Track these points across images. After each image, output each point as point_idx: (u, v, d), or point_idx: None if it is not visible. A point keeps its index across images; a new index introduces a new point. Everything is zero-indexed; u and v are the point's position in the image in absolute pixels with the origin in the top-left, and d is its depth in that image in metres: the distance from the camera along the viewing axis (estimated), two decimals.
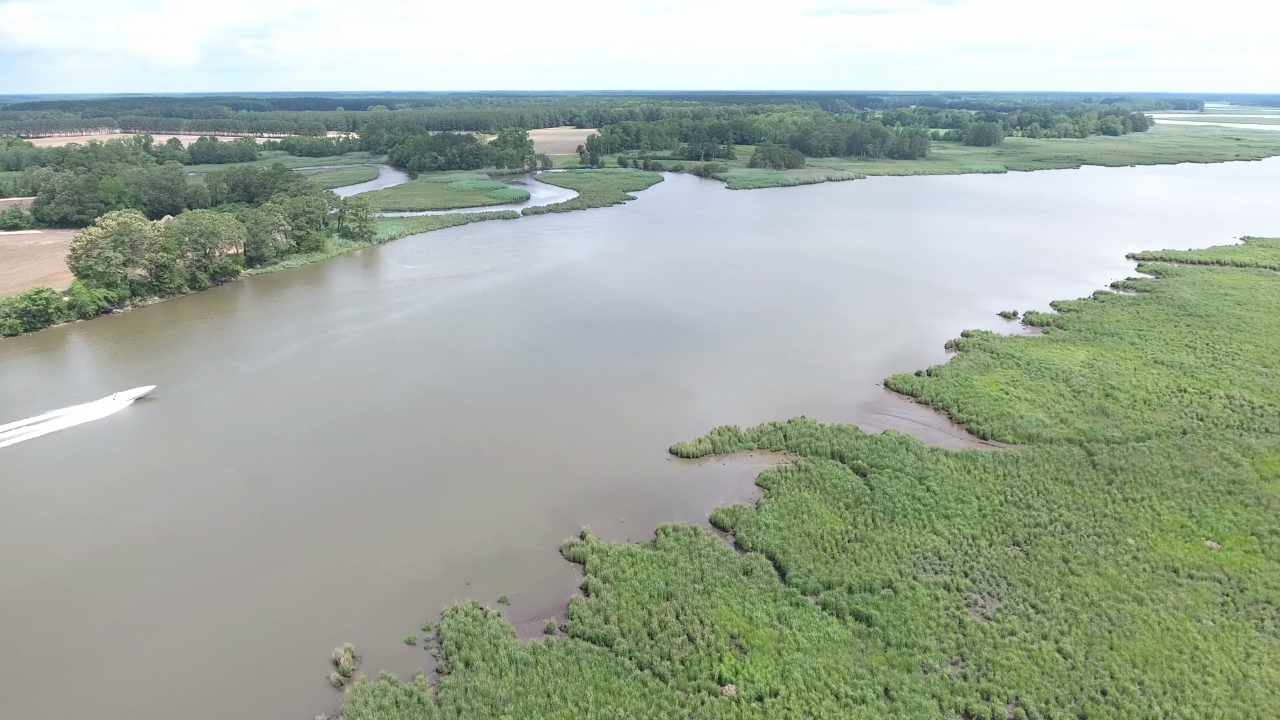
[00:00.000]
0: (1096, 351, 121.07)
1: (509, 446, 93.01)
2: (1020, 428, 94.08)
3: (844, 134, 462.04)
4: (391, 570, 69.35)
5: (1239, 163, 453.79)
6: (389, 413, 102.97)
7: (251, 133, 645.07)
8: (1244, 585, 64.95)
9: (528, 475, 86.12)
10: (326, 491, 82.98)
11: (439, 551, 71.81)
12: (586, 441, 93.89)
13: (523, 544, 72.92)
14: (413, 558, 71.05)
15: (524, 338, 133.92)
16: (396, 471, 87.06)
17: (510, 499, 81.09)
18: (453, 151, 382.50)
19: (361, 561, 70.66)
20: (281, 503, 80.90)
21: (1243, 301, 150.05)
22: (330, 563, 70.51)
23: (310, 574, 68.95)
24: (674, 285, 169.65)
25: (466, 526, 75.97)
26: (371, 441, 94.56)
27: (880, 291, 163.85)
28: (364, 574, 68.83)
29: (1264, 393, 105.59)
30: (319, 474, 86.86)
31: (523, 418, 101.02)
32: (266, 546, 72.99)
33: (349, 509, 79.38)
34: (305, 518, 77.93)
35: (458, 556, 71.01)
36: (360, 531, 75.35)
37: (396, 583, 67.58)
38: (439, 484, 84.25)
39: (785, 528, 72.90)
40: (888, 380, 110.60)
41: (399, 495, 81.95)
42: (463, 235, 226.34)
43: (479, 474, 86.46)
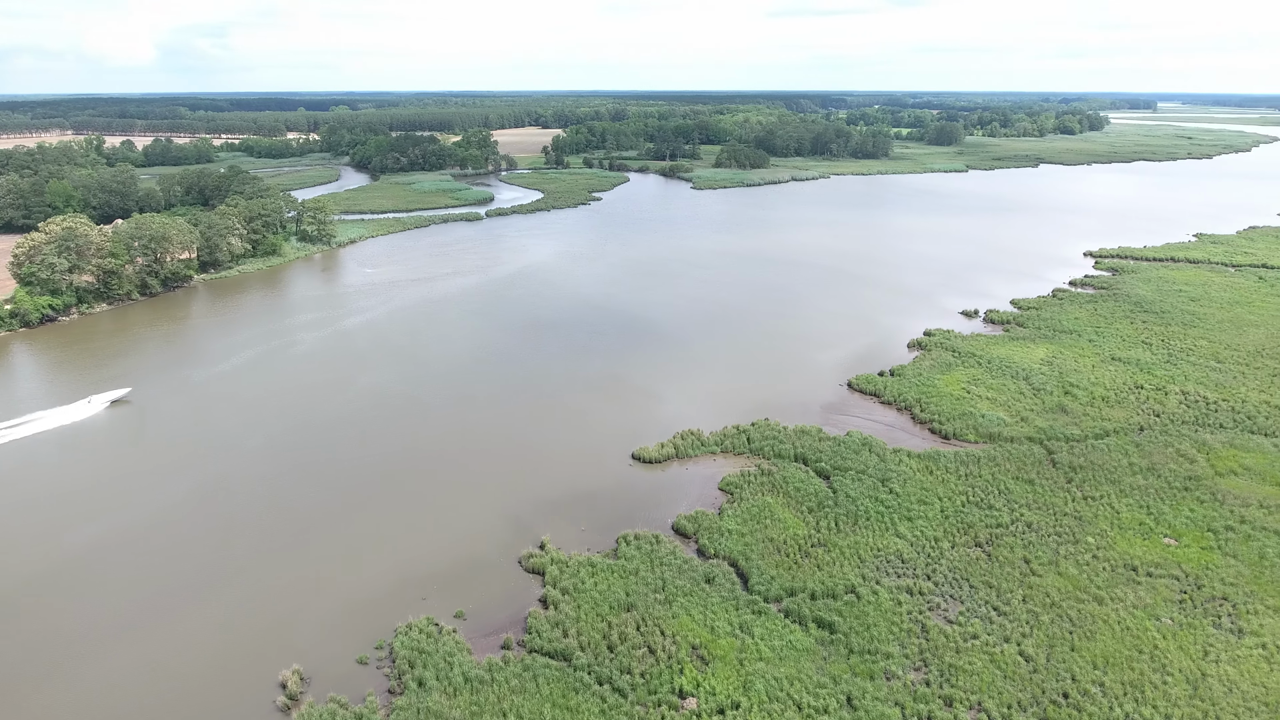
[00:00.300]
0: (1056, 349, 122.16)
1: (469, 454, 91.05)
2: (982, 427, 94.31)
3: (808, 134, 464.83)
4: (345, 585, 67.15)
5: (1191, 161, 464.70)
6: (346, 420, 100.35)
7: (209, 134, 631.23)
8: (1201, 582, 65.35)
9: (487, 483, 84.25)
10: (279, 503, 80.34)
11: (395, 564, 69.74)
12: (548, 447, 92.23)
13: (481, 555, 71.11)
14: (368, 571, 68.91)
15: (486, 341, 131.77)
16: (353, 481, 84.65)
17: (469, 508, 79.21)
18: (415, 152, 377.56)
19: (315, 576, 68.36)
20: (232, 516, 78.13)
21: (1196, 298, 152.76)
22: (282, 578, 68.10)
23: (260, 590, 66.48)
24: (638, 286, 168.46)
25: (424, 538, 73.96)
26: (327, 450, 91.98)
27: (844, 291, 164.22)
28: (317, 589, 66.55)
29: (1217, 388, 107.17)
30: (272, 485, 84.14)
31: (483, 424, 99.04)
32: (214, 562, 70.31)
33: (302, 521, 76.91)
34: (256, 531, 75.30)
35: (414, 569, 69.00)
36: (314, 544, 72.97)
37: (350, 598, 65.41)
38: (396, 494, 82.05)
39: (748, 533, 71.97)
40: (851, 380, 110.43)
41: (355, 506, 79.62)
42: (425, 237, 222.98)
43: (438, 483, 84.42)
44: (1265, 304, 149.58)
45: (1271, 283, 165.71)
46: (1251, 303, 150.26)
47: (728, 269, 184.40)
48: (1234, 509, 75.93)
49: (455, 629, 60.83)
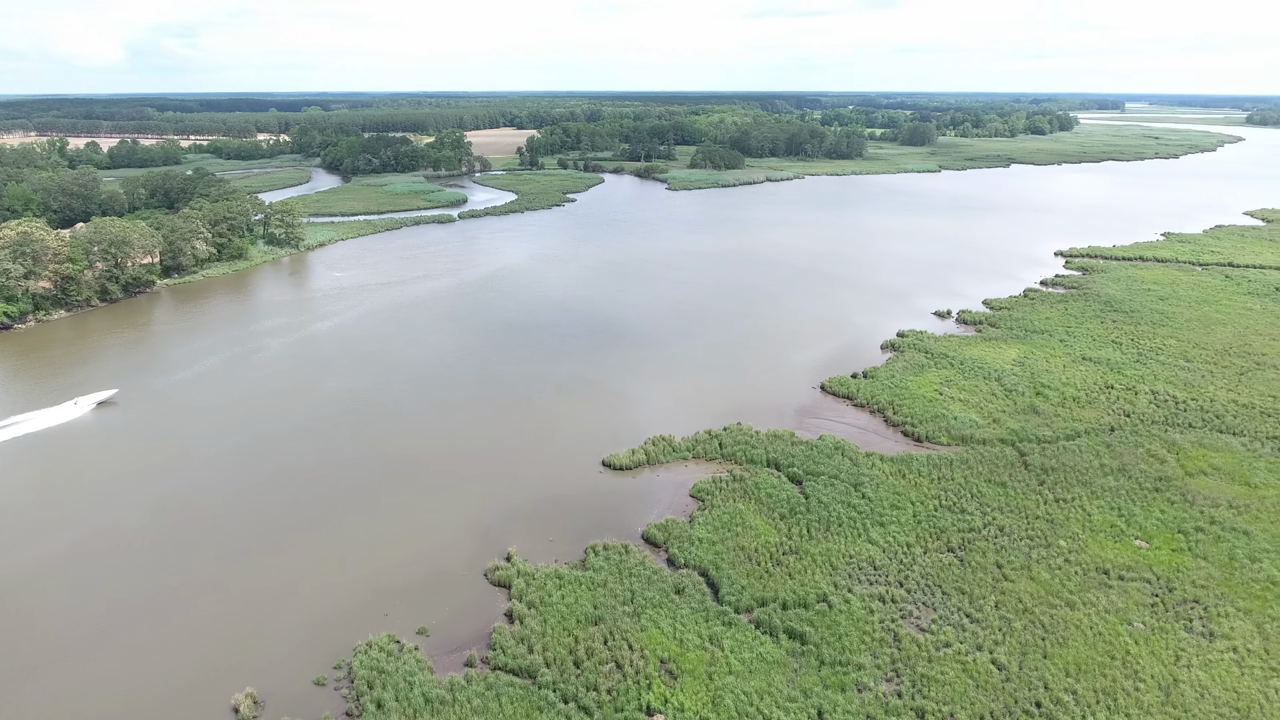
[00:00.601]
0: (1027, 349, 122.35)
1: (436, 461, 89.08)
2: (954, 429, 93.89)
3: (783, 134, 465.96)
4: (306, 600, 65.04)
5: (1158, 160, 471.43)
6: (310, 428, 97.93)
7: (177, 135, 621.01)
8: (1172, 585, 65.09)
9: (454, 492, 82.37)
10: (239, 515, 77.88)
11: (357, 578, 67.71)
12: (517, 455, 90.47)
13: (446, 567, 69.26)
14: (330, 586, 66.82)
15: (456, 346, 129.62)
16: (315, 492, 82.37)
17: (435, 518, 77.31)
18: (387, 154, 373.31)
19: (274, 591, 66.16)
20: (188, 529, 75.58)
21: (1165, 297, 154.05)
22: (240, 594, 65.82)
23: (216, 607, 64.19)
24: (612, 288, 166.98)
25: (388, 550, 71.95)
26: (290, 460, 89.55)
27: (818, 291, 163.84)
28: (276, 605, 64.38)
29: (1186, 387, 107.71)
30: (231, 497, 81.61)
31: (452, 430, 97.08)
32: (170, 578, 67.85)
33: (262, 534, 74.57)
34: (214, 545, 72.85)
35: (377, 583, 67.02)
36: (274, 558, 70.72)
37: (310, 614, 63.33)
38: (360, 504, 79.90)
39: (719, 542, 70.76)
40: (824, 383, 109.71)
41: (317, 517, 77.40)
42: (396, 240, 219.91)
43: (404, 492, 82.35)
44: (1231, 302, 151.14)
45: (1237, 281, 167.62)
46: (1218, 301, 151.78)
47: (702, 270, 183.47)
48: (1204, 510, 75.94)
49: (417, 646, 59.00)
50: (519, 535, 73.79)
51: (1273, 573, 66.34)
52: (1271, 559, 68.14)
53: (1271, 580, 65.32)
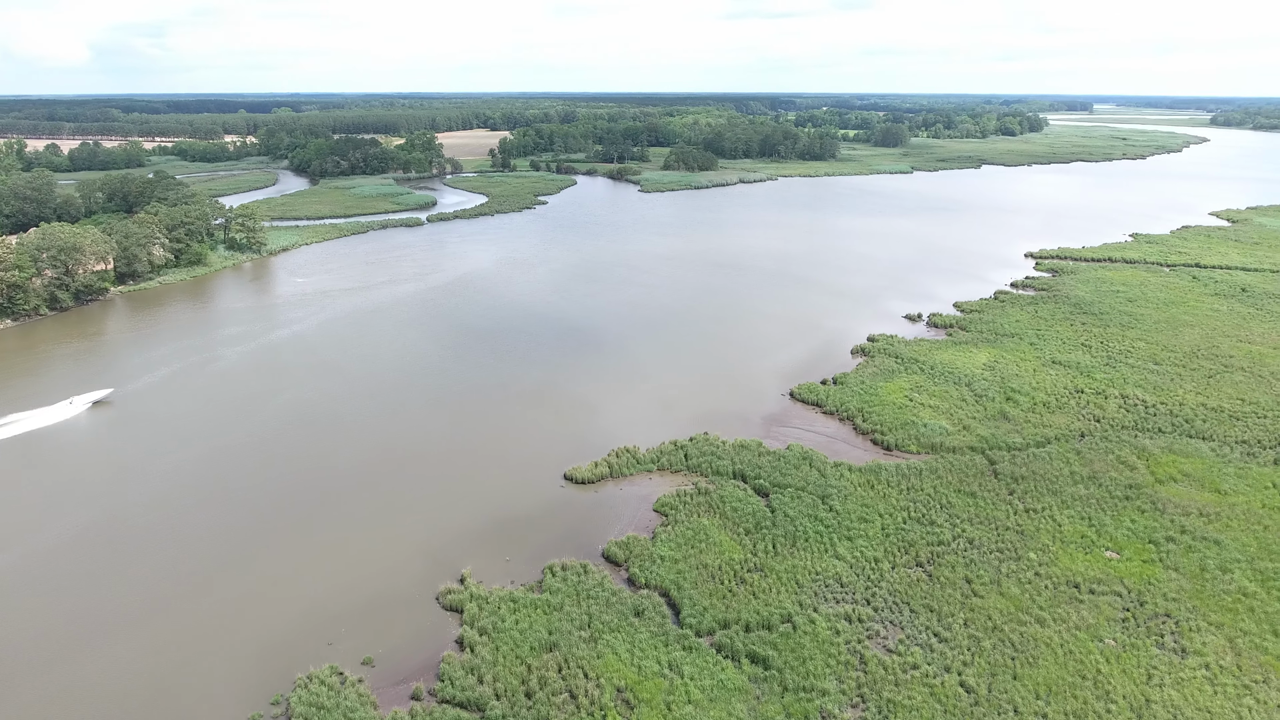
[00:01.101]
0: (997, 353, 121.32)
1: (390, 476, 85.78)
2: (924, 437, 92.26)
3: (756, 136, 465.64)
4: (244, 629, 61.65)
5: (1126, 161, 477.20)
6: (258, 442, 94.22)
7: (142, 137, 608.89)
8: (1144, 598, 63.63)
9: (408, 509, 79.20)
10: (175, 537, 74.14)
11: (301, 605, 64.42)
12: (475, 469, 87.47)
13: (396, 591, 66.18)
14: (270, 612, 63.48)
15: (418, 353, 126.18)
16: (258, 511, 78.81)
17: (387, 537, 74.12)
18: (356, 156, 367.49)
19: (210, 620, 62.67)
20: (122, 555, 71.82)
21: (1133, 299, 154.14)
22: (174, 624, 62.27)
23: (148, 641, 60.61)
24: (581, 293, 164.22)
25: (334, 572, 68.71)
26: (233, 477, 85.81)
27: (789, 294, 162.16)
28: (212, 635, 60.92)
29: (1156, 390, 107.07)
30: (169, 517, 77.78)
31: (409, 443, 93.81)
32: (101, 608, 64.14)
33: (202, 557, 70.97)
34: (149, 571, 69.17)
35: (322, 610, 63.78)
36: (211, 584, 67.19)
37: (248, 645, 59.97)
38: (306, 522, 76.52)
39: (681, 559, 68.32)
40: (793, 390, 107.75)
41: (259, 539, 73.92)
42: (362, 244, 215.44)
43: (353, 509, 79.04)
44: (1199, 304, 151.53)
45: (1205, 282, 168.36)
46: (1186, 302, 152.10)
47: (673, 273, 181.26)
48: (1174, 518, 74.75)
49: (361, 678, 55.91)
50: (474, 555, 70.87)
51: (1244, 583, 65.13)
52: (1242, 569, 66.97)
53: (1243, 592, 64.09)
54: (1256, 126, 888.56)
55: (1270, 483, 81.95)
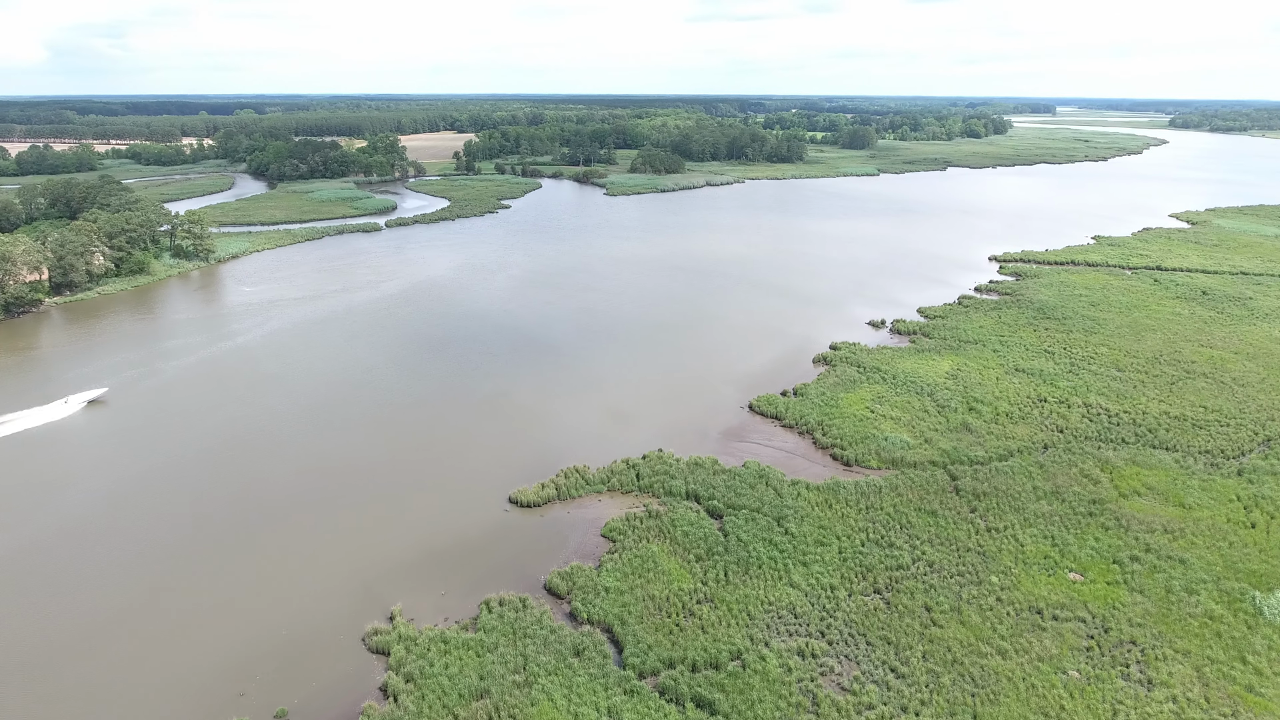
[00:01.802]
0: (960, 361, 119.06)
1: (320, 501, 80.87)
2: (885, 451, 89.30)
3: (724, 138, 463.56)
4: (148, 679, 56.64)
5: (1088, 163, 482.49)
6: (188, 464, 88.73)
7: (96, 139, 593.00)
8: (1108, 624, 60.93)
9: (341, 536, 74.45)
10: (84, 574, 68.76)
11: (213, 649, 59.51)
12: (414, 492, 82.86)
13: (318, 632, 61.48)
14: (179, 660, 58.48)
15: (365, 366, 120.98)
16: (177, 541, 73.57)
17: (314, 570, 69.35)
18: (316, 159, 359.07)
19: (110, 667, 57.59)
20: (30, 592, 66.30)
21: (1096, 303, 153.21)
22: (71, 676, 57.09)
23: (40, 694, 55.38)
24: (540, 300, 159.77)
25: (254, 611, 63.84)
26: (155, 503, 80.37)
27: (752, 301, 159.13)
28: (111, 686, 55.86)
29: (1119, 399, 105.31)
30: (87, 551, 72.33)
31: (346, 463, 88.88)
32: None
33: (108, 597, 65.70)
34: (47, 614, 63.76)
35: (234, 653, 58.94)
36: (117, 627, 62.00)
37: (149, 698, 54.99)
38: (229, 555, 71.47)
39: (627, 591, 64.42)
40: (752, 402, 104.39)
41: (174, 574, 68.75)
42: (316, 251, 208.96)
43: (282, 538, 74.13)
44: (1160, 307, 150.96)
45: (1166, 285, 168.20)
46: (1148, 306, 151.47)
47: (635, 279, 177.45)
48: (1138, 536, 72.37)
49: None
50: (407, 588, 66.40)
51: (1210, 606, 62.74)
52: (1208, 590, 64.61)
53: (1209, 616, 61.66)
54: (1213, 128, 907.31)
55: (1234, 495, 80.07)
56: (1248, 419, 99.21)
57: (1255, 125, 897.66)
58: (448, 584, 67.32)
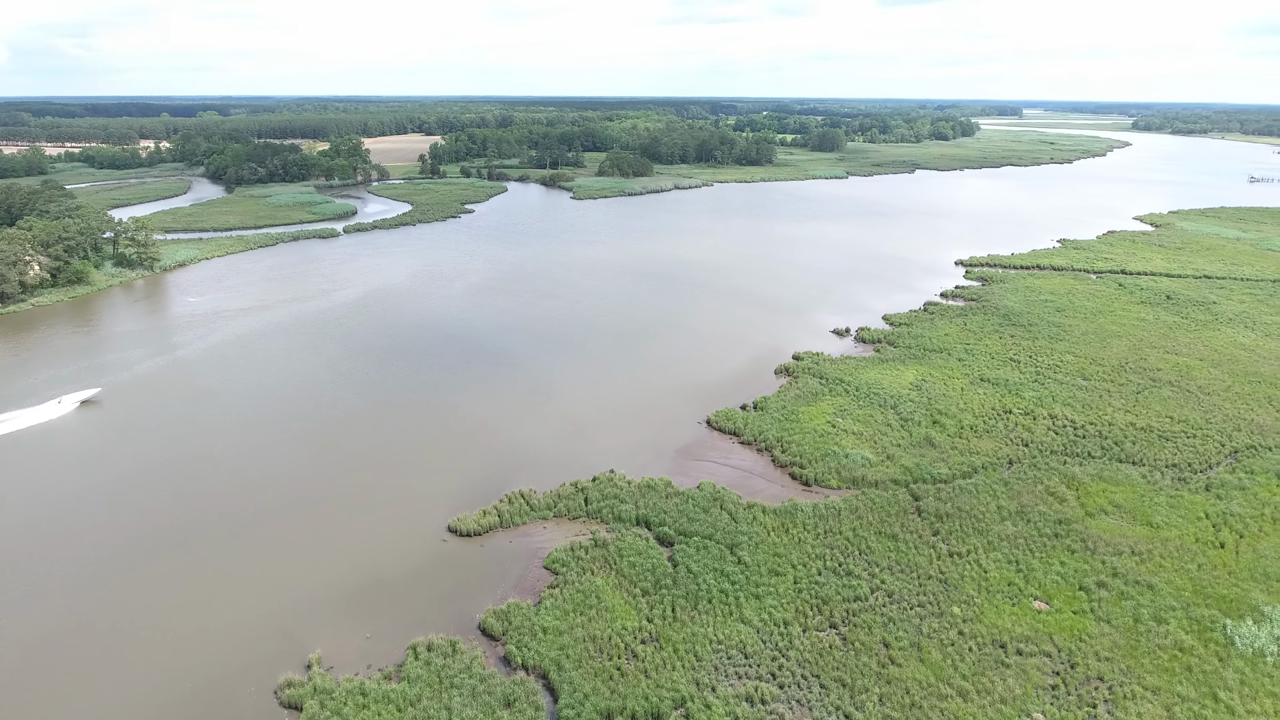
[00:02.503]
0: (925, 371, 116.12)
1: (248, 529, 75.53)
2: (845, 469, 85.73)
3: (693, 140, 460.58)
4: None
5: (1053, 165, 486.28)
6: (106, 492, 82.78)
7: (50, 142, 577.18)
8: (1075, 659, 57.64)
9: (263, 571, 69.24)
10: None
11: (105, 708, 54.15)
12: (349, 518, 77.78)
13: (228, 684, 56.32)
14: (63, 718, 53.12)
15: (307, 381, 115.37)
16: (81, 583, 67.83)
17: (231, 610, 64.12)
18: (275, 163, 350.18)
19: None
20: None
21: (1062, 308, 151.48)
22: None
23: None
24: (497, 308, 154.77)
25: (158, 659, 58.51)
26: (57, 540, 74.49)
27: (715, 309, 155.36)
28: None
29: (1085, 409, 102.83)
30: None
31: (276, 487, 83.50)
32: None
33: (6, 647, 60.00)
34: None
35: (132, 712, 53.64)
36: (11, 681, 56.39)
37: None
38: (137, 593, 65.94)
39: (567, 631, 60.01)
40: (710, 418, 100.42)
41: (75, 616, 63.15)
42: (268, 258, 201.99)
43: (194, 576, 68.68)
44: (1125, 312, 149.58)
45: (1130, 289, 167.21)
46: (1113, 311, 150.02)
47: (597, 285, 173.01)
48: (1105, 559, 69.37)
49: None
50: (330, 631, 61.46)
51: (1180, 636, 59.73)
52: (1177, 619, 61.63)
53: (1179, 647, 58.61)
54: (1174, 131, 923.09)
55: (1202, 512, 77.51)
56: (1214, 429, 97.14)
57: (1215, 128, 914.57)
58: (375, 624, 62.47)
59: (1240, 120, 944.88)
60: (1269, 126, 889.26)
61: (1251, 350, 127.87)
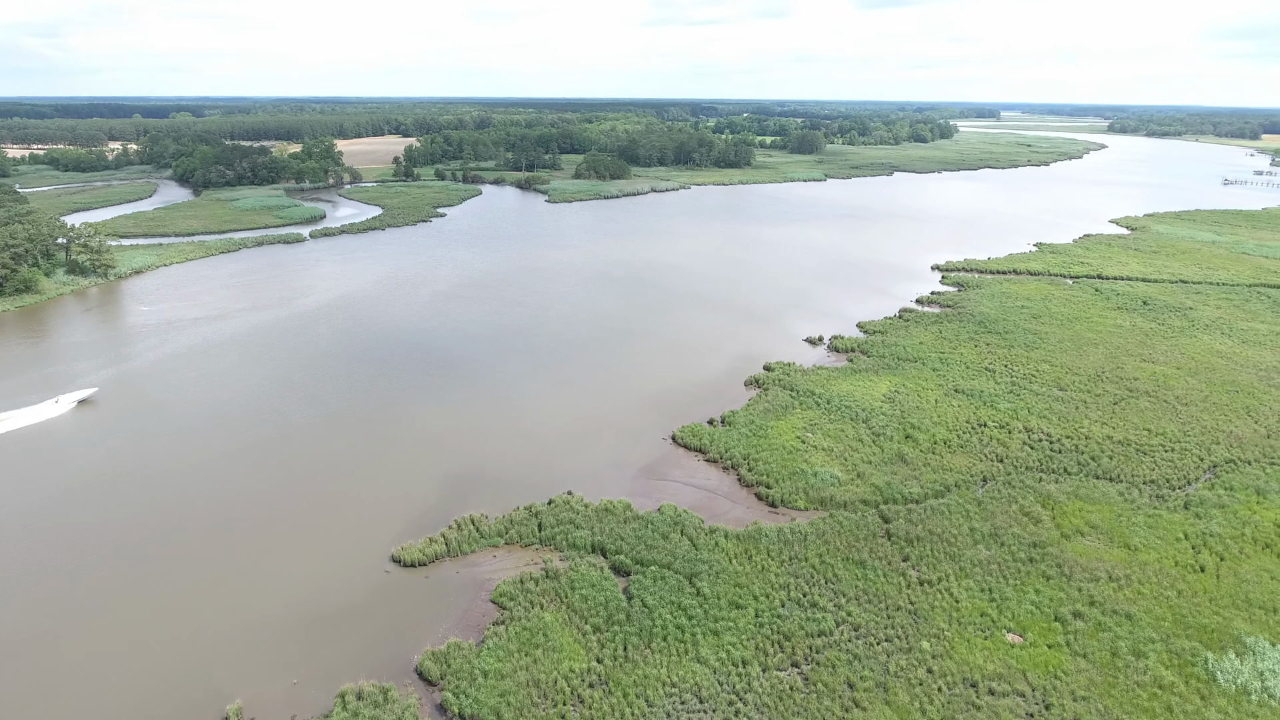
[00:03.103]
0: (899, 382, 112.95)
1: (174, 559, 70.63)
2: (814, 489, 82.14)
3: (671, 143, 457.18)
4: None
5: (1031, 168, 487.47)
6: (30, 514, 77.60)
7: (16, 144, 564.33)
8: (1049, 698, 54.24)
9: (187, 606, 64.48)
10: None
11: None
12: (285, 548, 73.14)
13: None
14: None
15: (258, 395, 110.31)
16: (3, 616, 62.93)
17: (146, 652, 59.36)
18: (243, 165, 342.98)
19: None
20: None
21: (1038, 315, 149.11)
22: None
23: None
24: (461, 317, 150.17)
25: (61, 713, 53.70)
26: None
27: (686, 315, 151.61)
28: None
29: (1061, 422, 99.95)
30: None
31: (208, 512, 78.62)
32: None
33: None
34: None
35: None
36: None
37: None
38: (50, 636, 61.05)
39: (509, 675, 55.84)
40: (675, 433, 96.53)
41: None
42: (229, 264, 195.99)
43: (115, 612, 63.80)
44: (1102, 319, 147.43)
45: (1106, 295, 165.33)
46: (1089, 318, 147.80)
47: (566, 292, 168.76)
48: (1082, 586, 66.15)
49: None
50: (255, 676, 56.91)
51: (1159, 671, 56.51)
52: (1157, 652, 58.43)
53: (1159, 684, 55.37)
54: (1149, 133, 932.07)
55: (1181, 533, 74.59)
56: (1192, 442, 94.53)
57: (1189, 130, 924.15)
58: (305, 667, 57.98)
59: (1213, 123, 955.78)
60: (1240, 129, 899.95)
61: (1229, 358, 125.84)
